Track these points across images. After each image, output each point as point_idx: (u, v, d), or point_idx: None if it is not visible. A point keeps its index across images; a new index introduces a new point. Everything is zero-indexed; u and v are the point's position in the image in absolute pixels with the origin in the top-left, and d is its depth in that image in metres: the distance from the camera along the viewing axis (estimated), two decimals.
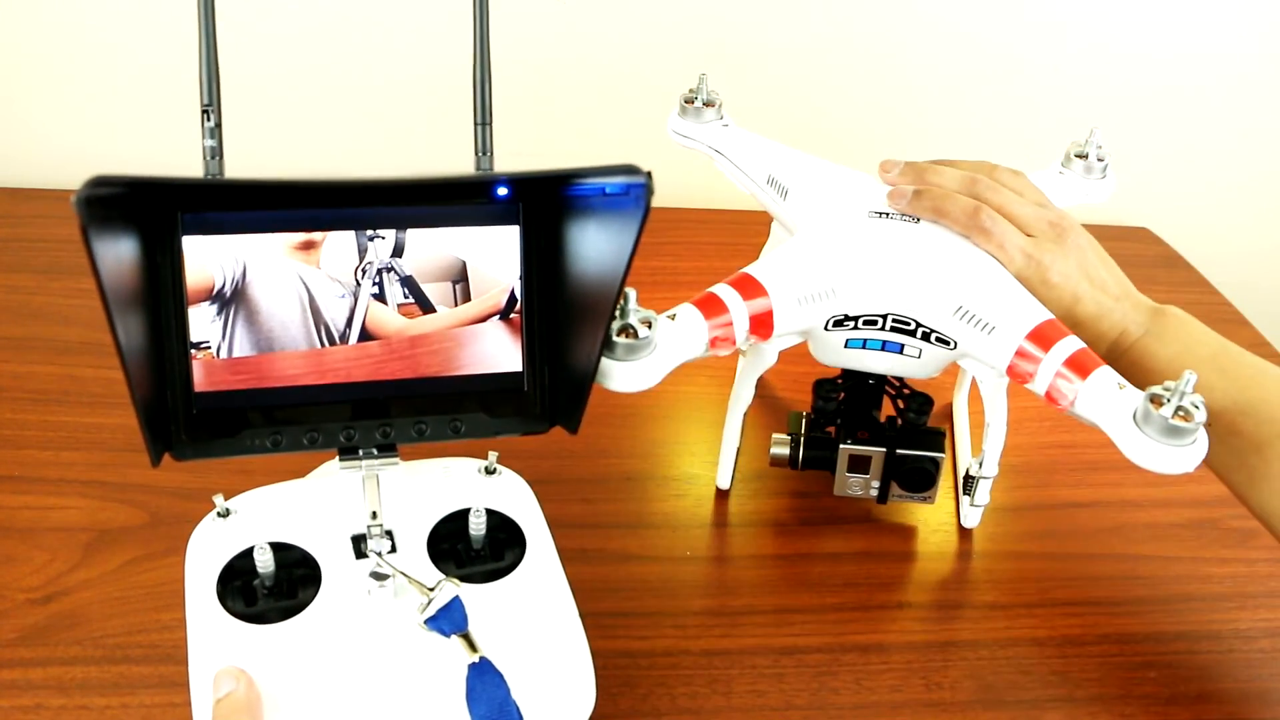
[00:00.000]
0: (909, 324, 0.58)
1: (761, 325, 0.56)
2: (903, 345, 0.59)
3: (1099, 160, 0.71)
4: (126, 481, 0.65)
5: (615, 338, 0.50)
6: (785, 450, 0.66)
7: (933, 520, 0.69)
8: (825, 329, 0.58)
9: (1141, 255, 1.05)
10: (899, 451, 0.63)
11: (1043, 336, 0.54)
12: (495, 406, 0.51)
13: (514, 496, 0.55)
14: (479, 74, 0.47)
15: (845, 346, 0.60)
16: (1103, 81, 1.08)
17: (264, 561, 0.48)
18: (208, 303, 0.45)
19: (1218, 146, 1.13)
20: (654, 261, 0.89)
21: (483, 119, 0.48)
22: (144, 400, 0.43)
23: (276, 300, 0.46)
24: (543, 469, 0.58)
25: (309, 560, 0.50)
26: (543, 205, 0.49)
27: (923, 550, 0.67)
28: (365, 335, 0.48)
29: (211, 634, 0.47)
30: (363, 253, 0.47)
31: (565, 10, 0.97)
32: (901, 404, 0.65)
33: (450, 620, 0.47)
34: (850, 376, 0.66)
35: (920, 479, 0.64)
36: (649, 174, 0.42)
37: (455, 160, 0.50)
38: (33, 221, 0.89)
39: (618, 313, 0.50)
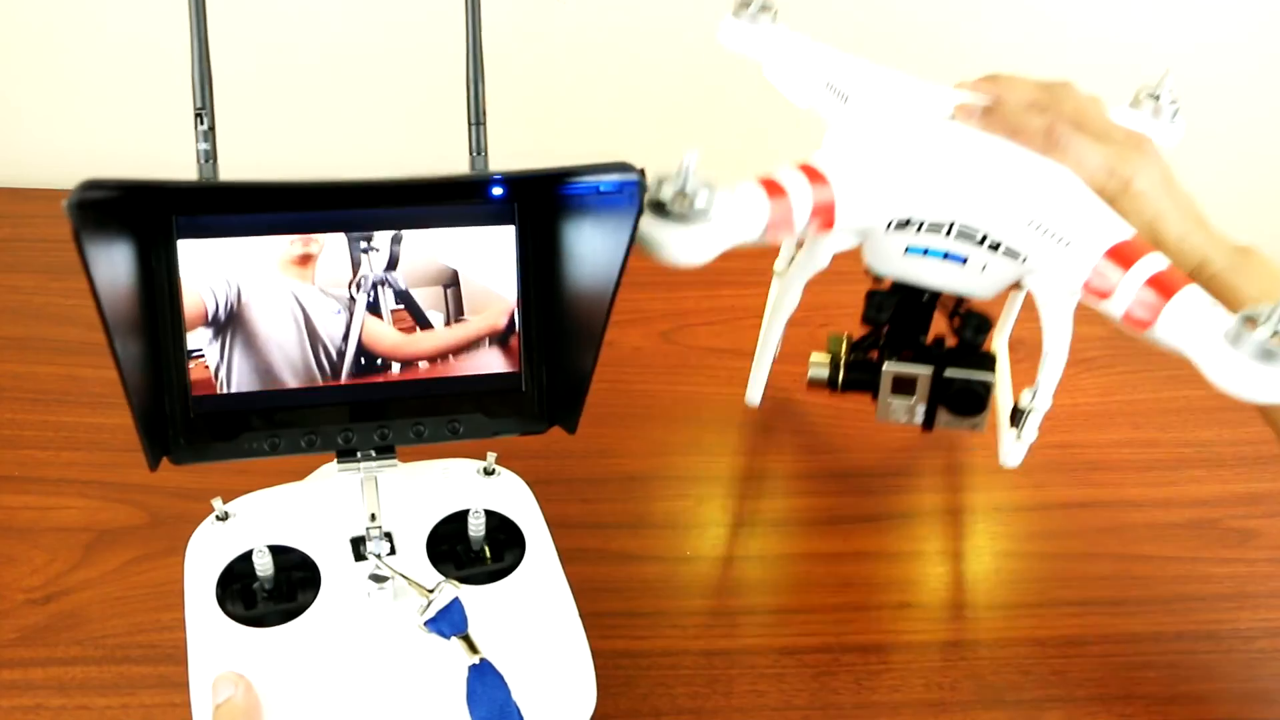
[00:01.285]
0: (976, 234, 0.53)
1: (823, 214, 0.52)
2: (966, 257, 0.54)
3: (1171, 102, 0.66)
4: (127, 481, 0.65)
5: (671, 204, 0.46)
6: (824, 371, 0.61)
7: (933, 519, 0.69)
8: (886, 231, 0.54)
9: None
10: (948, 373, 0.58)
11: (1123, 254, 0.49)
12: (493, 407, 0.51)
13: (513, 497, 0.55)
14: (472, 74, 0.47)
15: (904, 253, 0.55)
16: (1103, 80, 1.08)
17: (263, 565, 0.48)
18: (204, 327, 0.46)
19: (1217, 147, 1.13)
20: (654, 262, 0.88)
21: (476, 119, 0.48)
22: (141, 405, 0.43)
23: (273, 321, 0.47)
24: (543, 469, 0.58)
25: (308, 563, 0.50)
26: (538, 205, 0.49)
27: (922, 550, 0.67)
28: (362, 351, 0.48)
29: (211, 638, 0.47)
30: (356, 265, 0.47)
31: (565, 10, 0.97)
32: (957, 321, 0.60)
33: (450, 622, 0.47)
34: (900, 293, 0.60)
35: (969, 401, 0.59)
36: (642, 171, 0.42)
37: (451, 161, 0.50)
38: (34, 221, 0.89)
39: (677, 178, 0.46)
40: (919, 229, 0.54)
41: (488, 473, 0.55)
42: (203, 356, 0.46)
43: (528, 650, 0.48)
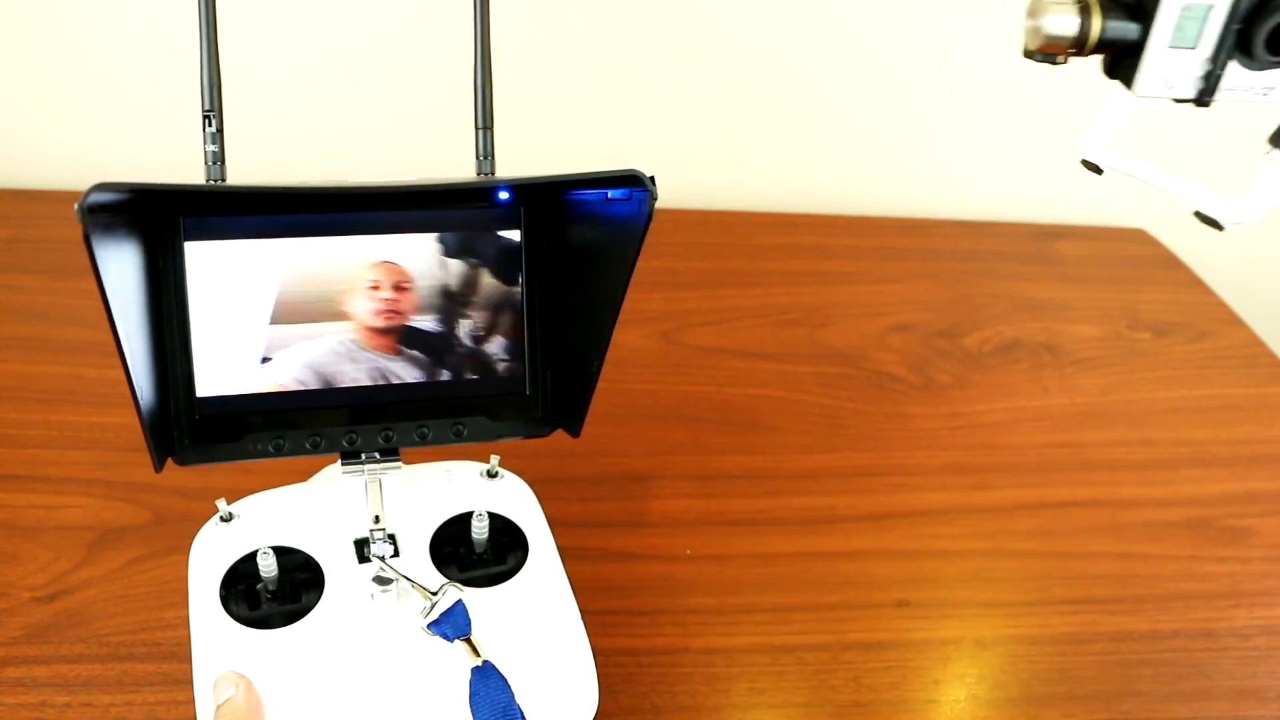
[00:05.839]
0: None
1: None
2: None
3: None
4: (130, 480, 0.65)
5: None
6: (1071, 20, 0.41)
7: (932, 518, 0.69)
8: None
9: (1139, 256, 1.06)
10: None
11: None
12: (497, 410, 0.51)
13: (516, 500, 0.55)
14: (479, 78, 0.48)
15: None
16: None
17: (267, 566, 0.48)
18: (211, 329, 0.46)
19: (1214, 147, 1.14)
20: (654, 262, 0.88)
21: (484, 123, 0.48)
22: (147, 406, 0.43)
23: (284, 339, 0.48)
24: (544, 468, 0.58)
25: (312, 564, 0.50)
26: (545, 209, 0.49)
27: (922, 548, 0.67)
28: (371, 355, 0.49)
29: (215, 639, 0.47)
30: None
31: (570, 11, 0.97)
32: None
33: (453, 624, 0.47)
34: None
35: None
36: (652, 179, 0.43)
37: (457, 164, 0.50)
38: (37, 222, 0.89)
39: None
40: None
41: (491, 475, 0.56)
42: (208, 358, 0.46)
43: (530, 653, 0.48)
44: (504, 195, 0.48)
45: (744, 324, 0.86)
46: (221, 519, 0.51)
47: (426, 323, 0.49)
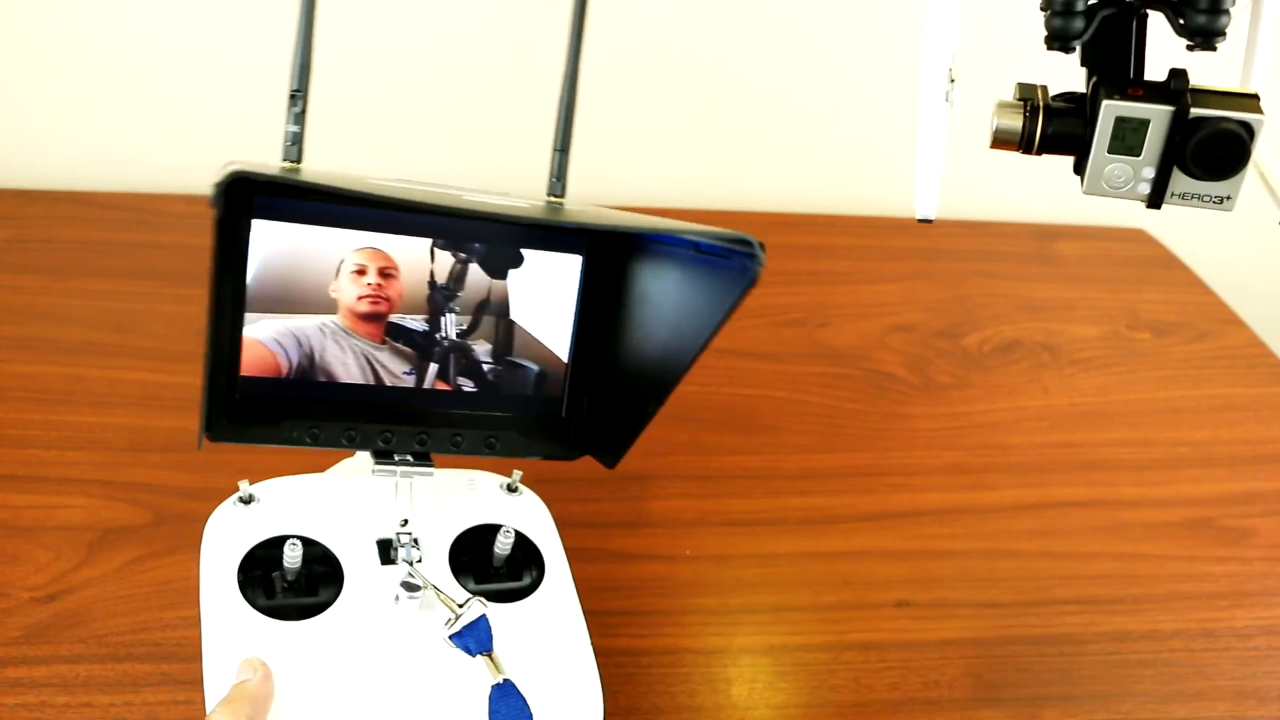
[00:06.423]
0: None
1: None
2: None
3: None
4: (130, 481, 0.65)
5: None
6: (1016, 121, 0.46)
7: (932, 518, 0.69)
8: None
9: (1138, 256, 1.06)
10: (1195, 111, 0.42)
11: None
12: (530, 428, 0.51)
13: (534, 517, 0.54)
14: (566, 100, 0.48)
15: None
16: None
17: (292, 557, 0.47)
18: (262, 310, 0.46)
19: None
20: None
21: (562, 145, 0.48)
22: (209, 382, 0.43)
23: (344, 374, 0.48)
24: (544, 468, 0.58)
25: (330, 558, 0.49)
26: (611, 240, 0.49)
27: (921, 549, 0.67)
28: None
29: (228, 624, 0.46)
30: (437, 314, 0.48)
31: (568, 11, 0.97)
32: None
33: (476, 639, 0.46)
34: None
35: (1224, 153, 0.42)
36: (761, 245, 0.42)
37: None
38: (37, 222, 0.89)
39: None
40: None
41: (511, 490, 0.55)
42: (258, 338, 0.46)
43: (538, 673, 0.47)
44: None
45: (744, 324, 0.86)
46: (240, 500, 0.50)
47: (478, 343, 0.49)
